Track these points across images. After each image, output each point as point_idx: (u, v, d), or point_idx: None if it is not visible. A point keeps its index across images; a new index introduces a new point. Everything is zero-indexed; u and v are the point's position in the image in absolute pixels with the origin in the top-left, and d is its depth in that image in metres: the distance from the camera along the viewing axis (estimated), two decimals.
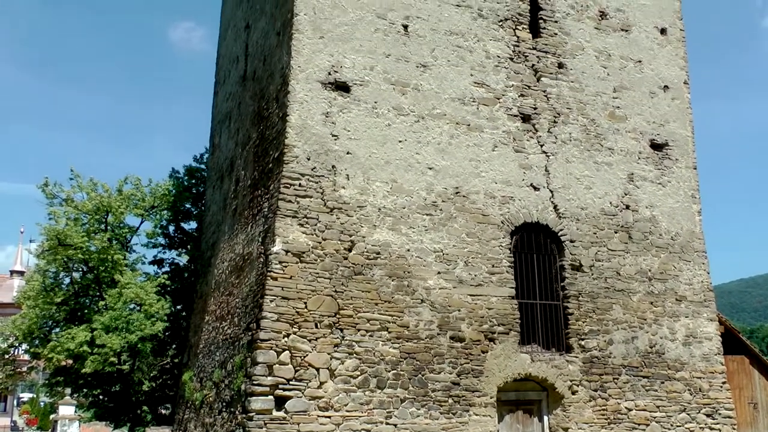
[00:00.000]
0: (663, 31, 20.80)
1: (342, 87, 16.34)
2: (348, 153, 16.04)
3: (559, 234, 17.87)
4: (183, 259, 27.51)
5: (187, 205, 27.33)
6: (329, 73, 16.29)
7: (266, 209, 16.32)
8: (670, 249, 19.22)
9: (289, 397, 14.35)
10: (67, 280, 25.39)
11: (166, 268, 27.44)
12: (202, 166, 27.78)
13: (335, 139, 15.98)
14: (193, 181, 27.69)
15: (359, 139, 16.22)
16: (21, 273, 63.29)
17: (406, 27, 17.39)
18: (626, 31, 20.23)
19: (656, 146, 19.70)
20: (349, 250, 15.61)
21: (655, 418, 17.81)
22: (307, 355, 14.69)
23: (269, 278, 14.88)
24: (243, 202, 18.79)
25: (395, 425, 15.07)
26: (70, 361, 24.86)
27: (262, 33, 19.43)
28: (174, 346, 26.55)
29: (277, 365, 14.40)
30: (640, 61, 20.14)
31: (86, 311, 24.52)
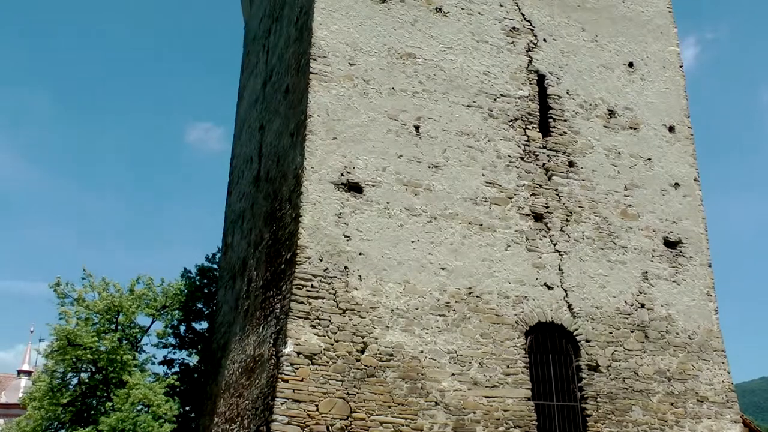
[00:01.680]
0: (671, 129, 20.97)
1: (355, 188, 16.47)
2: (360, 254, 16.02)
3: (574, 334, 17.59)
4: (193, 360, 27.18)
5: (199, 305, 27.20)
6: (342, 174, 16.44)
7: (278, 310, 16.20)
8: (688, 348, 18.85)
9: None
10: (74, 381, 25.06)
11: (176, 369, 27.07)
12: (215, 266, 27.79)
13: (348, 240, 15.99)
14: (205, 280, 27.64)
15: (372, 240, 16.22)
16: (28, 373, 62.64)
17: (417, 128, 17.64)
18: (635, 129, 20.43)
19: (670, 244, 19.58)
20: (362, 352, 15.40)
21: None
22: None
23: (280, 380, 14.65)
24: (255, 303, 18.68)
25: None
26: None
27: (276, 134, 19.74)
28: None
29: None
30: (650, 159, 20.25)
31: (93, 412, 24.08)
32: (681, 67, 21.96)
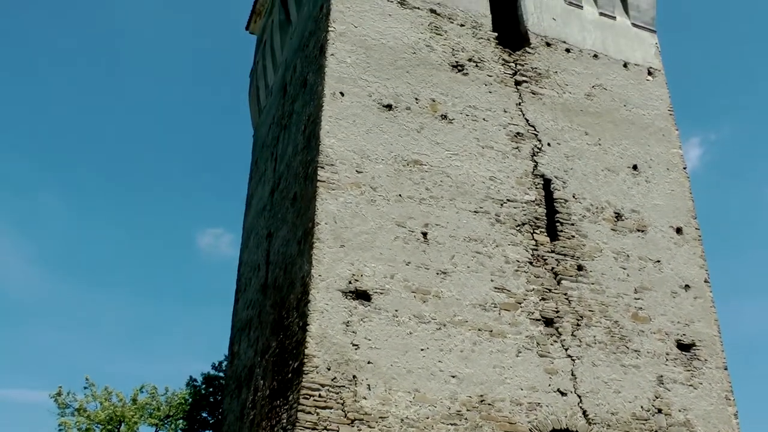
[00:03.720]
0: (679, 231, 20.93)
1: (362, 296, 16.34)
2: (369, 362, 15.75)
3: None
4: None
5: (204, 414, 26.78)
6: (350, 282, 16.34)
7: (285, 420, 15.84)
8: None
9: None
10: None
11: None
12: (221, 374, 27.47)
13: (356, 349, 15.76)
14: (211, 389, 27.29)
15: (380, 348, 15.98)
16: None
17: (425, 234, 17.64)
18: (642, 231, 20.41)
19: (683, 347, 19.25)
20: None
21: None
22: None
23: None
24: (261, 413, 18.29)
25: None
26: None
27: (284, 241, 19.76)
28: None
29: None
30: (659, 261, 20.14)
31: None
32: (685, 168, 22.12)
